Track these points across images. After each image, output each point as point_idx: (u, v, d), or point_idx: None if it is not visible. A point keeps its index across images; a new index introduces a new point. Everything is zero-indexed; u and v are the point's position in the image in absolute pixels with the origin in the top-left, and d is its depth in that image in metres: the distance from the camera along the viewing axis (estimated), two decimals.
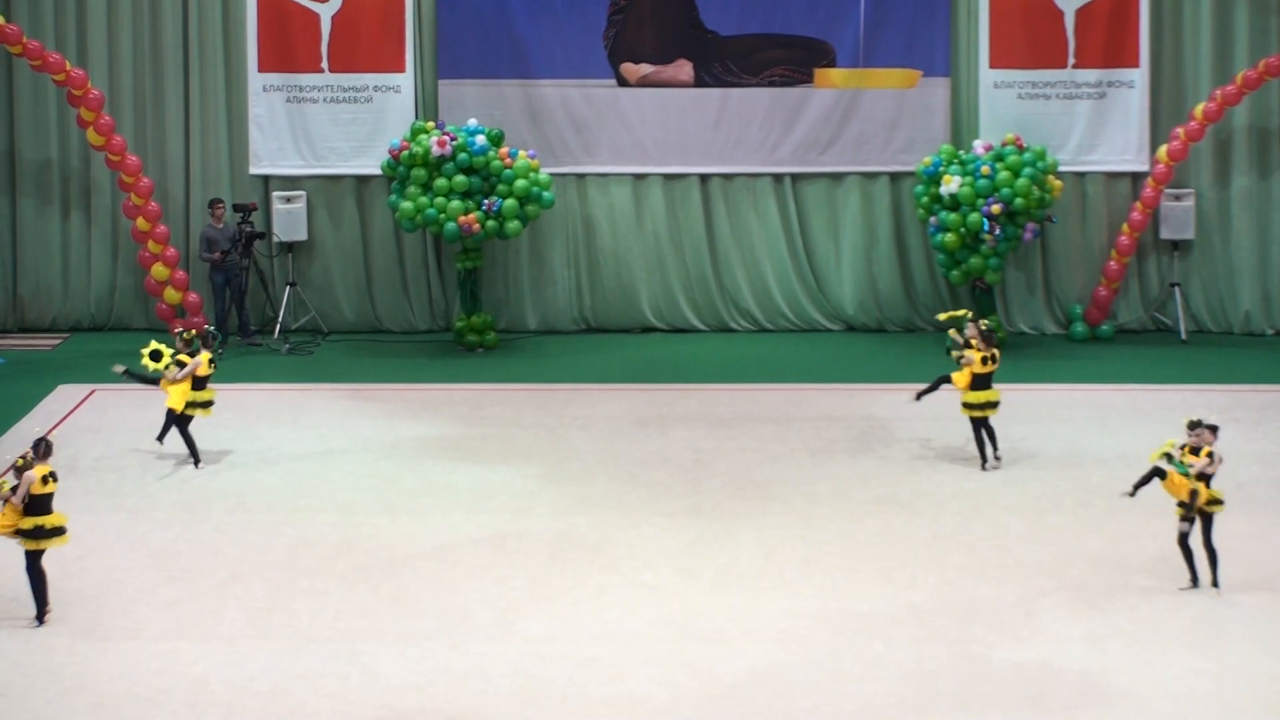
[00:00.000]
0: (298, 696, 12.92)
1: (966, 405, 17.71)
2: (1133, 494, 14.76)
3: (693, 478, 17.63)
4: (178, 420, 17.82)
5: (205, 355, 17.89)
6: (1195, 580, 14.56)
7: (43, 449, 14.15)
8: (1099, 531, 16.10)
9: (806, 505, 16.83)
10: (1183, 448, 14.53)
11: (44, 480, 14.00)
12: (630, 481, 17.57)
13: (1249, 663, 13.38)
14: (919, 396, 18.09)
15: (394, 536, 16.04)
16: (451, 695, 12.96)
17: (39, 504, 14.03)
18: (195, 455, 17.82)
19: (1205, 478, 14.49)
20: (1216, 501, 14.58)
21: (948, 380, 17.74)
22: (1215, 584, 14.53)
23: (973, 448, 17.76)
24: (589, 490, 17.33)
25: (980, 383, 17.64)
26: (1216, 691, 12.95)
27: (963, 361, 17.63)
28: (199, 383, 17.87)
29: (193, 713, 12.70)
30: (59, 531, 14.15)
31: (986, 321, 18.47)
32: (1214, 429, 14.65)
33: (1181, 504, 14.45)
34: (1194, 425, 14.62)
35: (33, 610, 14.01)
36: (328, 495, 17.18)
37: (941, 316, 19.20)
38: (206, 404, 17.95)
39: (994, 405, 17.72)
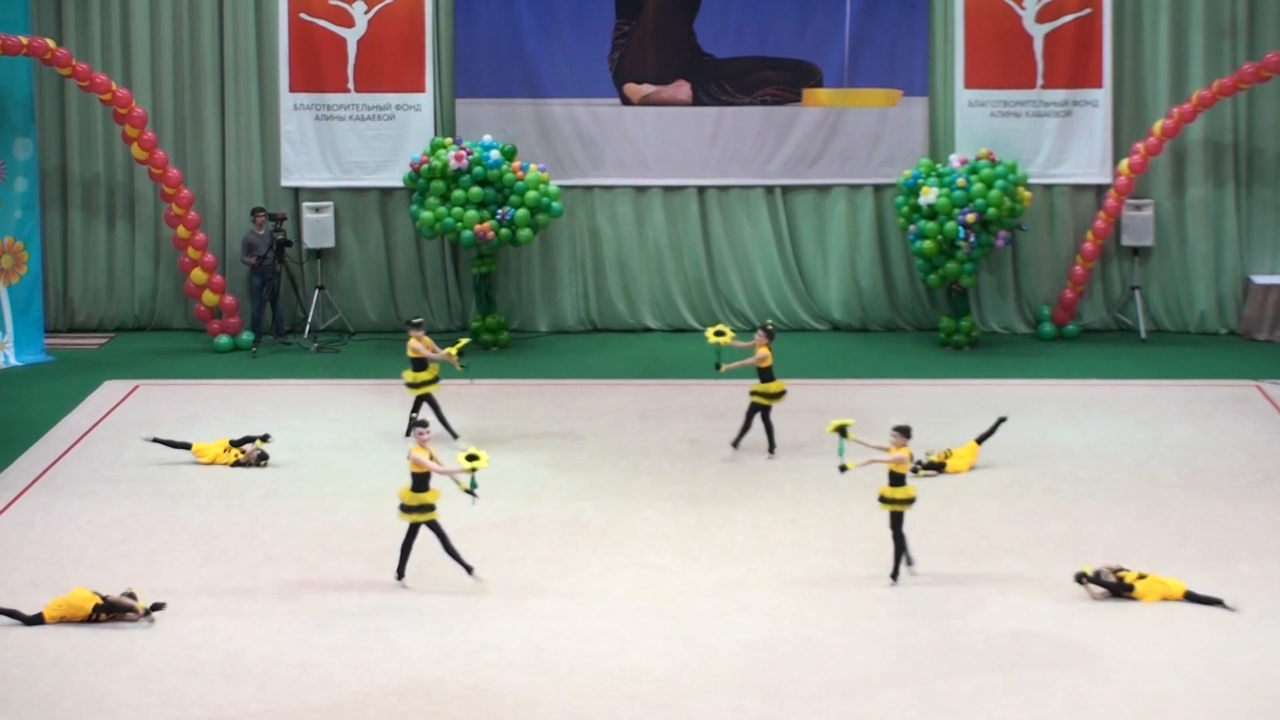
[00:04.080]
0: (326, 668, 12.93)
1: (755, 394, 17.82)
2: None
3: (691, 466, 17.62)
4: None
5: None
6: (909, 562, 14.58)
7: (417, 431, 14.64)
8: (1065, 515, 16.10)
9: (796, 491, 16.82)
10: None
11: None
12: (633, 470, 17.56)
13: (1205, 637, 13.38)
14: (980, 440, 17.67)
15: None
16: (468, 667, 12.96)
17: (421, 481, 14.47)
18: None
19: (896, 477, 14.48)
20: (909, 500, 14.51)
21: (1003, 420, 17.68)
22: (894, 576, 14.50)
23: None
24: (595, 478, 17.32)
25: (768, 375, 17.75)
26: (1174, 663, 12.95)
27: (757, 359, 17.68)
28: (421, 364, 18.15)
29: (229, 683, 12.70)
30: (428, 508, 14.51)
31: (771, 322, 18.71)
32: (904, 431, 14.62)
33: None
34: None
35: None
36: (354, 482, 17.17)
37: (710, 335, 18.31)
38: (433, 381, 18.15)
39: (780, 395, 17.85)
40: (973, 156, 22.22)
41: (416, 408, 18.09)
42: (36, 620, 13.65)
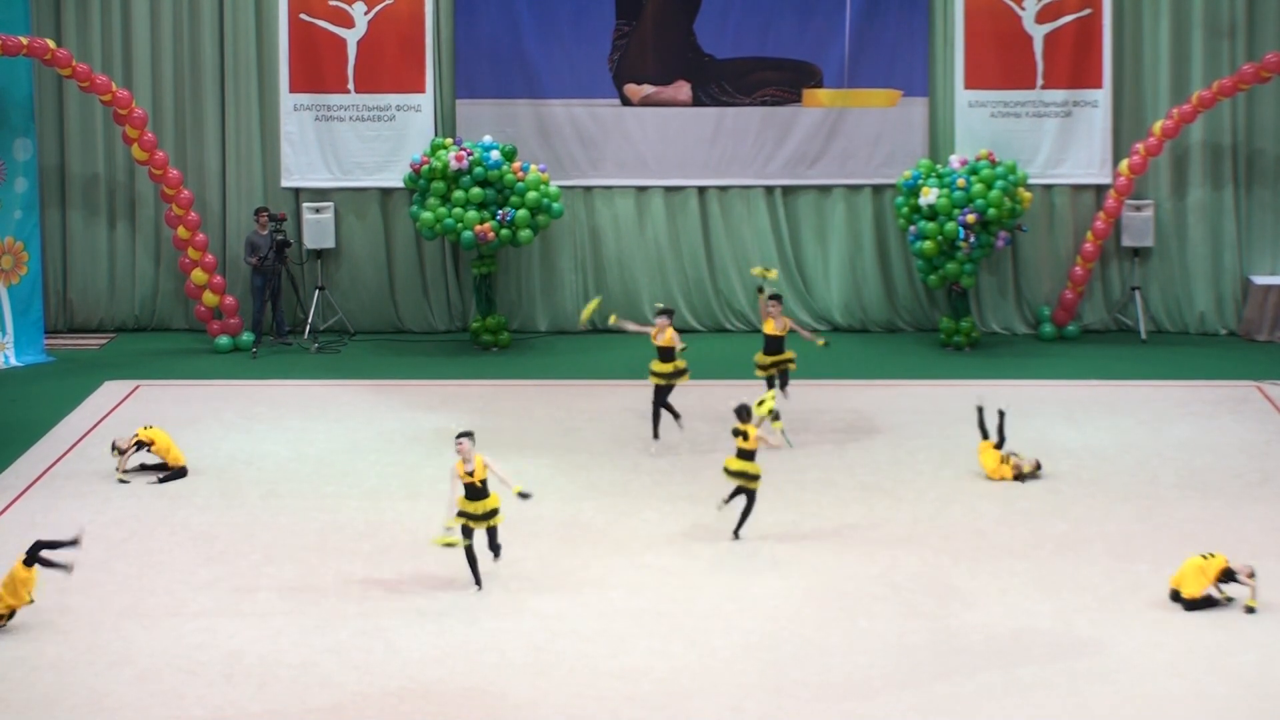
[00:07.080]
0: (325, 669, 12.92)
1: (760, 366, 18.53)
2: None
3: (691, 467, 17.60)
4: None
5: None
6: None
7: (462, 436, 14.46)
8: (1065, 516, 16.09)
9: (796, 492, 16.81)
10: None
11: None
12: (634, 470, 17.55)
13: (1205, 636, 13.37)
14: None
15: (415, 520, 16.02)
16: (468, 668, 12.95)
17: (472, 490, 14.35)
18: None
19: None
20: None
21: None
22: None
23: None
24: (595, 478, 17.31)
25: (774, 347, 18.35)
26: (1174, 664, 12.93)
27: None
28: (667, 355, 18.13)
29: (229, 683, 12.70)
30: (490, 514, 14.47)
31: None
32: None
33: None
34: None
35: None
36: (354, 482, 17.16)
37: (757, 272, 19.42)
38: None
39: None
40: (973, 157, 22.22)
41: (659, 399, 18.12)
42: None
